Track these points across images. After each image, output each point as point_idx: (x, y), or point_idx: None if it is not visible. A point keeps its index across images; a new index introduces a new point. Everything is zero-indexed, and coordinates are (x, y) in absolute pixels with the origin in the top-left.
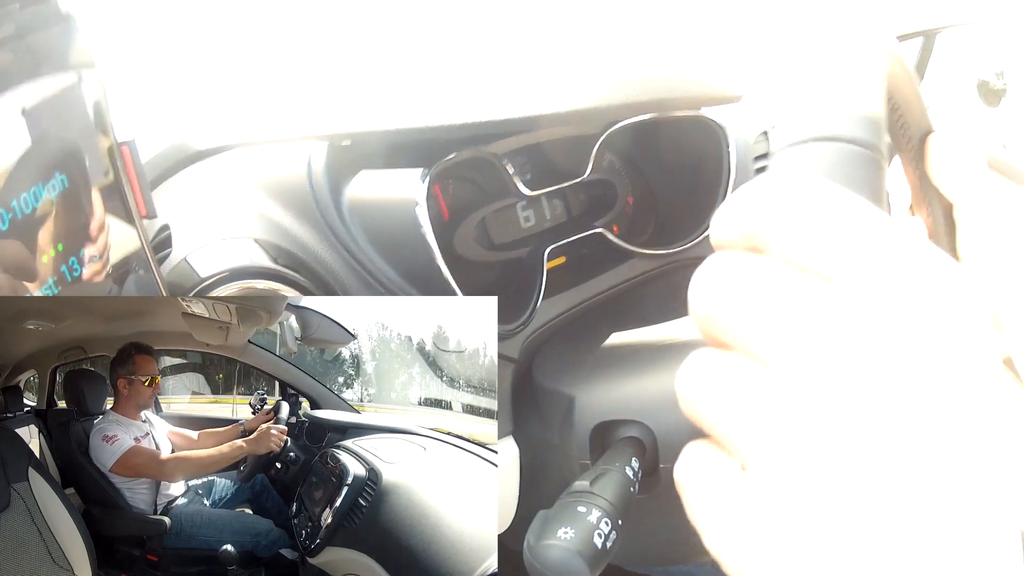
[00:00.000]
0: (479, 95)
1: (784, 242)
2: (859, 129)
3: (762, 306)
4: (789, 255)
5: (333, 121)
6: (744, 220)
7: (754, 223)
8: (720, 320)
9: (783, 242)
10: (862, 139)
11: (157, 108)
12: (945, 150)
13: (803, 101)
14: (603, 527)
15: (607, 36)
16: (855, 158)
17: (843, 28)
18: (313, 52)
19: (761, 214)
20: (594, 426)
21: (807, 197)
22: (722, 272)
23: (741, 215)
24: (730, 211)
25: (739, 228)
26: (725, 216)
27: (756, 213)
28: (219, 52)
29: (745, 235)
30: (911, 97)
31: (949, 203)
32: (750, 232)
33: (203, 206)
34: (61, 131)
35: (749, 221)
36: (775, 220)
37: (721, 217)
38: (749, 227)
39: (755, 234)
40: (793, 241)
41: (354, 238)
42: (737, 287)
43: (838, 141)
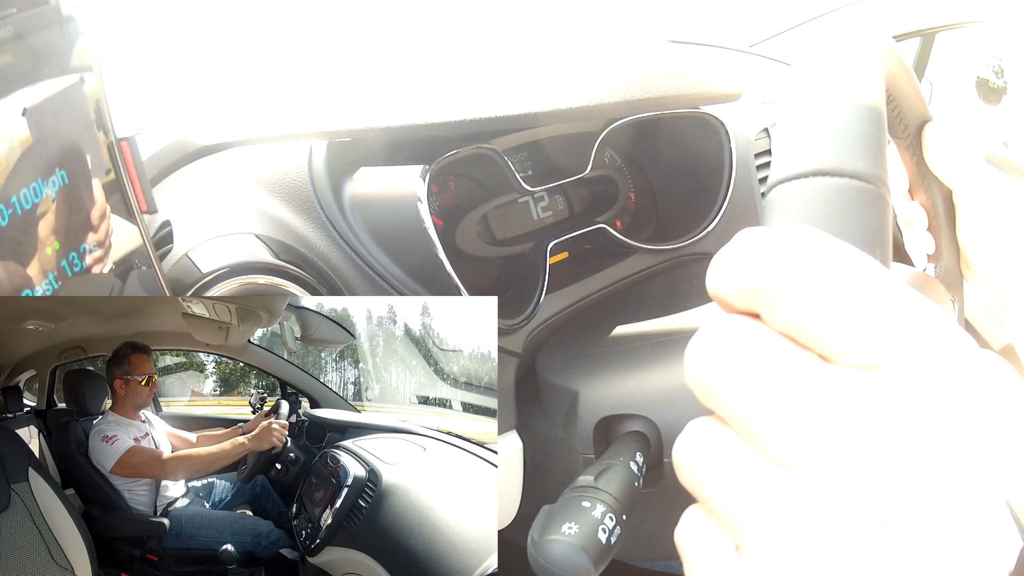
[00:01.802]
0: (480, 92)
1: (783, 313)
2: (861, 161)
3: (759, 390)
4: (788, 328)
5: (334, 118)
6: (743, 278)
7: (753, 284)
8: (717, 394)
9: (782, 313)
10: (864, 173)
11: (159, 105)
12: (943, 139)
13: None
14: (607, 522)
15: (607, 34)
16: (858, 195)
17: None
18: (314, 50)
19: (760, 275)
20: (598, 421)
21: (809, 261)
22: (720, 344)
23: (740, 272)
24: (729, 264)
25: (738, 285)
26: (724, 268)
27: (755, 272)
28: (221, 50)
29: (744, 294)
30: (907, 87)
31: (948, 189)
32: (749, 292)
33: (204, 202)
34: (61, 128)
35: (748, 280)
36: (774, 286)
37: (719, 268)
38: (748, 286)
39: (754, 296)
40: (792, 314)
41: (356, 234)
42: (734, 364)
43: (840, 176)
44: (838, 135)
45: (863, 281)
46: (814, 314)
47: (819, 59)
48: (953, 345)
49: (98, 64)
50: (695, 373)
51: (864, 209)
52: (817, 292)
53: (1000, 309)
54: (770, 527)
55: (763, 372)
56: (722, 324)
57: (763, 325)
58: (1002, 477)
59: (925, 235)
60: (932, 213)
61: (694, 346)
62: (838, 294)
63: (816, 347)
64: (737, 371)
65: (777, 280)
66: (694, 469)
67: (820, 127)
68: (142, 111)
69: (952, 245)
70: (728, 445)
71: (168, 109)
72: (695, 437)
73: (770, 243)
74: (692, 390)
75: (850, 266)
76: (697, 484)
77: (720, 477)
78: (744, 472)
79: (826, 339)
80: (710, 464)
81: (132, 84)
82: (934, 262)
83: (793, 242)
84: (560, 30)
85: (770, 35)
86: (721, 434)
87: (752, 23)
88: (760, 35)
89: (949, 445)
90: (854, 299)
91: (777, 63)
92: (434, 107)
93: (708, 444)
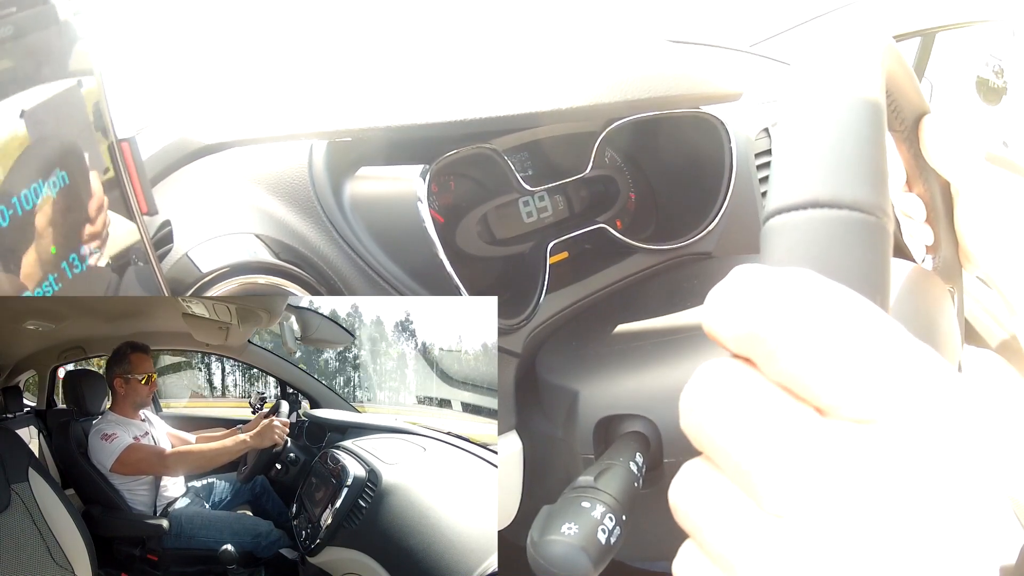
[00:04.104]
0: (480, 92)
1: (780, 364)
2: (860, 190)
3: (753, 441)
4: (784, 380)
5: (334, 118)
6: (739, 323)
7: (749, 330)
8: (712, 441)
9: (779, 364)
10: (864, 203)
11: (159, 105)
12: (940, 131)
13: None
14: (607, 523)
15: (607, 34)
16: (857, 229)
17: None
18: (314, 50)
19: (757, 322)
20: (598, 421)
21: (805, 311)
22: (715, 392)
23: (736, 316)
24: (725, 306)
25: (734, 331)
26: (719, 310)
27: (751, 319)
28: (221, 50)
29: (739, 340)
30: (904, 80)
31: (945, 181)
32: (745, 339)
33: (204, 202)
34: (61, 128)
35: (744, 326)
36: (771, 335)
37: (715, 309)
38: (744, 332)
39: (750, 344)
40: (789, 365)
41: (356, 234)
42: (729, 414)
43: (838, 208)
44: (836, 160)
45: (859, 333)
46: (809, 367)
47: (819, 59)
48: (950, 397)
49: (98, 64)
50: (690, 419)
51: (863, 244)
52: (813, 345)
53: (998, 303)
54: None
55: (757, 423)
56: (718, 371)
57: (759, 374)
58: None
59: (923, 227)
60: (930, 205)
61: (689, 392)
62: (834, 347)
63: (811, 399)
64: (732, 421)
65: (774, 331)
66: (689, 512)
67: (817, 150)
68: (142, 111)
69: (950, 236)
70: (722, 491)
71: (168, 109)
72: (691, 480)
73: (768, 290)
74: (687, 433)
75: (847, 317)
76: (693, 527)
77: (714, 523)
78: (737, 520)
79: (821, 392)
80: (705, 509)
81: (132, 84)
82: (932, 253)
83: (791, 290)
84: (560, 30)
85: (770, 35)
86: (716, 479)
87: (752, 23)
88: (760, 35)
89: (940, 502)
90: (850, 353)
91: (777, 63)
92: (434, 107)
93: (703, 489)
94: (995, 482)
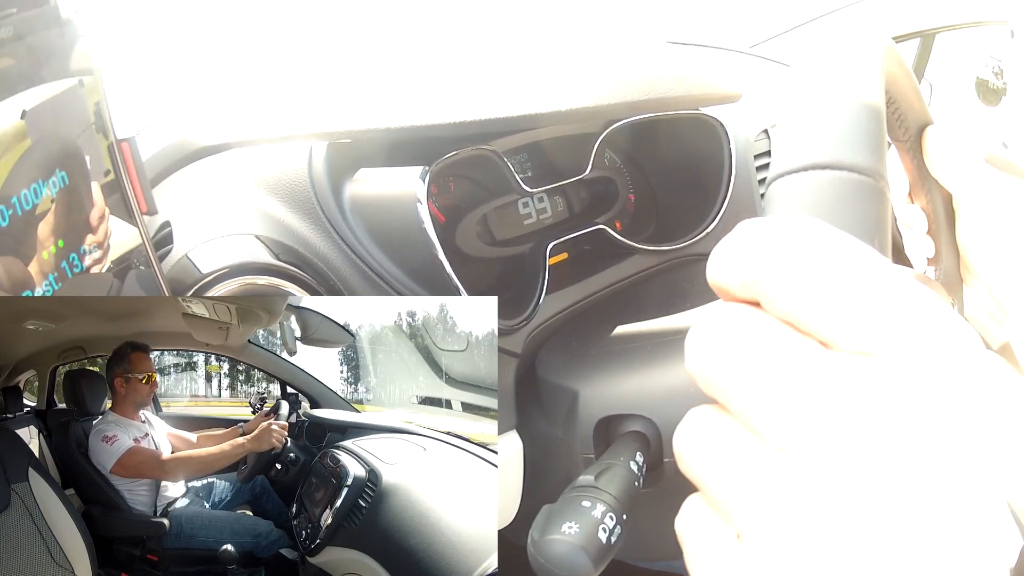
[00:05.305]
0: (480, 93)
1: (783, 301)
2: (860, 155)
3: (759, 378)
4: (788, 315)
5: (334, 119)
6: (743, 268)
7: (753, 274)
8: (717, 383)
9: (782, 301)
10: (863, 166)
11: (159, 106)
12: (943, 142)
13: (802, 122)
14: (607, 522)
15: (607, 35)
16: (856, 188)
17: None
18: (314, 51)
19: (760, 265)
20: (598, 420)
21: (808, 250)
22: (720, 332)
23: (740, 262)
24: (729, 254)
25: (738, 277)
26: (723, 259)
27: (755, 263)
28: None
29: (744, 285)
30: (908, 90)
31: (948, 192)
32: (749, 282)
33: (204, 203)
34: (61, 128)
35: (748, 270)
36: (774, 274)
37: (719, 259)
38: (748, 277)
39: (754, 286)
40: (793, 301)
41: (356, 235)
42: (734, 352)
43: (839, 169)
44: (837, 130)
45: (858, 268)
46: (812, 301)
47: (819, 60)
48: (950, 333)
49: (98, 65)
50: (695, 360)
51: (863, 201)
52: (815, 280)
53: (999, 312)
54: (768, 514)
55: (760, 356)
56: (722, 312)
57: (763, 312)
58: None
59: (925, 238)
60: (932, 216)
61: (694, 334)
62: (834, 281)
63: (815, 334)
64: (735, 356)
65: (775, 270)
66: (693, 457)
67: (819, 122)
68: (142, 112)
69: (952, 248)
70: (727, 433)
71: (168, 110)
72: (695, 425)
73: (769, 234)
74: (692, 378)
75: (846, 253)
76: (697, 472)
77: (719, 465)
78: (742, 459)
79: (822, 326)
80: (709, 452)
81: (132, 84)
82: (934, 265)
83: (791, 232)
84: (560, 31)
85: (770, 36)
86: (721, 422)
87: (752, 24)
88: (760, 36)
89: (942, 432)
90: (849, 285)
91: (777, 64)
92: (434, 108)
93: (708, 432)
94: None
